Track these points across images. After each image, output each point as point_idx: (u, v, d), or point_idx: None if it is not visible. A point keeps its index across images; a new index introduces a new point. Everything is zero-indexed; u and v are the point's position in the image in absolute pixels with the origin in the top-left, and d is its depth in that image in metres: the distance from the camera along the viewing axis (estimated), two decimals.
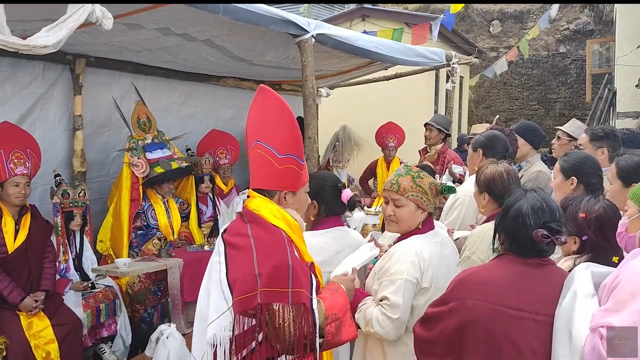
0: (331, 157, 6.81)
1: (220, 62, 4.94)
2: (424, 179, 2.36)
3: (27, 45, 2.17)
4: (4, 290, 3.66)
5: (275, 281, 1.83)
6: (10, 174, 3.71)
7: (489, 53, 14.16)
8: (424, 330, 2.04)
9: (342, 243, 2.59)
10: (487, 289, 1.89)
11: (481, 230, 2.74)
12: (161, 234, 4.75)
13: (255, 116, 2.07)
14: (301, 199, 2.13)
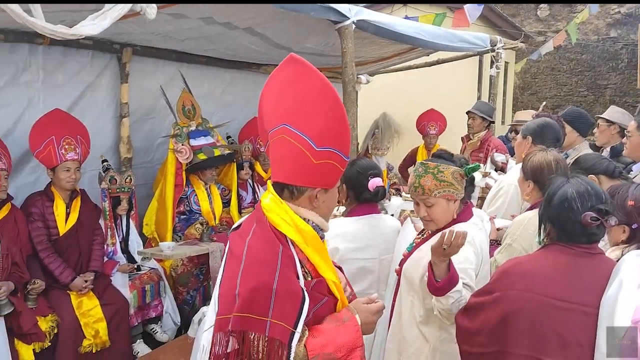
0: (370, 145, 6.79)
1: (260, 50, 4.98)
2: (445, 172, 2.30)
3: (73, 33, 2.26)
4: (56, 270, 3.84)
5: (252, 306, 1.56)
6: (62, 159, 3.87)
7: (536, 37, 13.75)
8: (467, 320, 2.03)
9: (377, 230, 2.60)
10: (532, 279, 1.87)
11: (524, 218, 2.70)
12: (203, 219, 4.86)
13: (281, 92, 1.71)
14: (334, 196, 1.81)
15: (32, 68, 4.21)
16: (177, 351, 3.71)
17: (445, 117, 6.76)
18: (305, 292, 1.61)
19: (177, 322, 4.43)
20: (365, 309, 1.76)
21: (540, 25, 14.64)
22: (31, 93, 4.25)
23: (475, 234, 2.30)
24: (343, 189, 2.68)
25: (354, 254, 2.47)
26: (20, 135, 4.14)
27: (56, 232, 3.94)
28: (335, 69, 6.62)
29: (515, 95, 14.12)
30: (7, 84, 4.09)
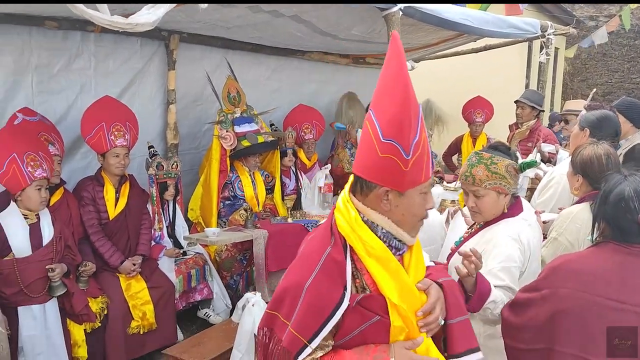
0: None
1: (306, 37, 4.96)
2: (499, 164, 2.24)
3: (129, 23, 2.29)
4: (106, 253, 3.95)
5: (280, 306, 1.52)
6: (111, 145, 3.96)
7: (588, 22, 13.25)
8: (513, 315, 1.99)
9: None
10: (584, 278, 1.82)
11: (570, 212, 2.63)
12: (247, 205, 4.92)
13: (380, 74, 1.54)
14: (412, 203, 1.53)
15: (84, 55, 4.32)
16: (221, 335, 3.77)
17: (492, 105, 6.61)
18: (341, 305, 1.47)
19: (228, 304, 4.52)
20: (405, 355, 1.50)
21: (592, 9, 14.09)
22: (83, 80, 4.36)
23: (523, 230, 2.25)
24: None
25: None
26: (72, 121, 4.27)
27: (106, 216, 4.04)
28: (381, 55, 6.56)
29: (565, 81, 13.68)
30: (60, 70, 4.21)
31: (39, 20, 3.92)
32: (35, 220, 3.42)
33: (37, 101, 4.10)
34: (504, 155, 2.29)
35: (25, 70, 4.01)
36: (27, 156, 3.33)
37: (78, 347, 3.51)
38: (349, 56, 6.65)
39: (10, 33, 3.87)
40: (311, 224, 4.66)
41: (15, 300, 3.28)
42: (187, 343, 3.76)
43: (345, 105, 6.16)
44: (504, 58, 8.32)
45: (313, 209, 5.07)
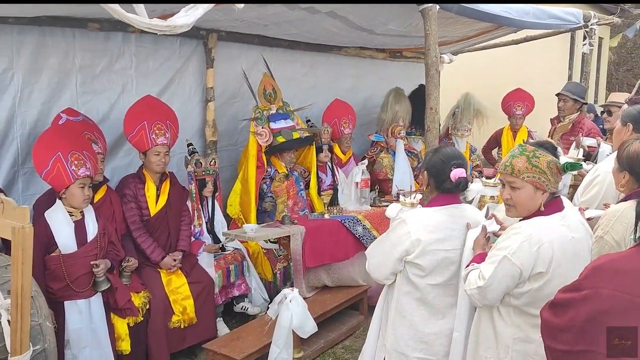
0: (450, 125, 6.62)
1: (342, 33, 4.96)
2: (541, 158, 2.18)
3: (168, 25, 2.33)
4: (147, 249, 4.05)
5: None
6: (153, 143, 4.04)
7: (633, 11, 12.75)
8: (553, 316, 1.95)
9: (458, 221, 2.53)
10: (628, 279, 1.76)
11: (617, 210, 2.54)
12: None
13: None
14: None
15: (125, 56, 4.42)
16: (259, 330, 3.82)
17: (532, 97, 6.45)
18: None
19: (266, 298, 4.57)
20: None
21: None
22: (125, 79, 4.47)
23: (545, 231, 2.16)
24: (424, 176, 2.63)
25: (437, 245, 2.43)
26: (115, 120, 4.38)
27: (147, 212, 4.14)
28: (418, 49, 6.50)
29: (610, 71, 13.24)
30: (102, 71, 4.32)
31: (82, 23, 4.03)
32: (80, 217, 3.53)
33: (81, 101, 4.23)
34: (551, 152, 2.24)
35: (69, 71, 4.13)
36: (72, 155, 3.44)
37: (121, 341, 3.61)
38: (386, 50, 6.60)
39: (56, 35, 4.00)
40: (348, 219, 4.66)
41: (61, 295, 3.40)
42: (226, 337, 3.84)
43: (391, 99, 6.11)
44: (546, 49, 8.11)
45: (350, 205, 5.06)
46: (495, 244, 2.27)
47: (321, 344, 4.10)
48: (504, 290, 2.17)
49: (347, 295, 4.46)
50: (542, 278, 2.13)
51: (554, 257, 2.13)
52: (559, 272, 2.13)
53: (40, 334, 2.63)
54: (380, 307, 2.69)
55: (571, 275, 2.16)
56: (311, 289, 4.49)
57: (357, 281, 4.61)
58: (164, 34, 4.37)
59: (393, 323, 2.54)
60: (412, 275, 2.46)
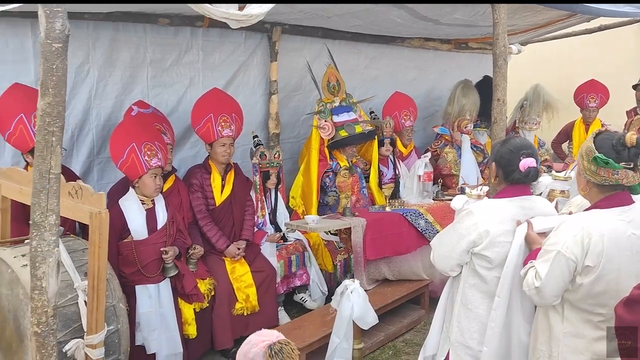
0: (518, 118, 6.41)
1: (406, 24, 4.89)
2: (585, 145, 2.15)
3: (245, 15, 2.38)
4: (213, 237, 4.16)
5: None
6: (219, 135, 4.14)
7: None
8: (627, 313, 1.87)
9: (528, 213, 2.45)
10: None
11: None
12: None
13: None
14: None
15: (193, 50, 4.55)
16: (320, 320, 3.86)
17: (607, 89, 6.16)
18: None
19: (324, 291, 4.60)
20: None
21: None
22: (192, 73, 4.60)
23: (597, 224, 2.08)
24: (492, 167, 2.56)
25: (505, 237, 2.36)
26: (182, 113, 4.53)
27: (213, 202, 4.25)
28: (485, 39, 6.33)
29: None
30: (172, 65, 4.47)
31: (153, 18, 4.18)
32: (151, 206, 3.68)
33: (151, 94, 4.39)
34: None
35: (141, 65, 4.30)
36: (145, 146, 3.57)
37: (188, 325, 3.73)
38: (451, 41, 6.47)
39: (128, 31, 4.17)
40: (410, 213, 4.61)
41: (133, 279, 3.56)
42: (288, 326, 3.89)
43: (459, 92, 5.99)
44: (622, 38, 7.69)
45: (412, 198, 5.01)
46: (546, 238, 2.20)
47: (381, 336, 4.09)
48: (562, 286, 2.12)
49: (408, 289, 4.43)
50: (591, 272, 2.06)
51: (604, 251, 2.05)
52: (611, 268, 2.05)
53: (114, 315, 2.76)
54: (445, 299, 2.66)
55: (631, 272, 2.06)
56: (372, 282, 4.49)
57: (418, 275, 4.56)
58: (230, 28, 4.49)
59: (458, 315, 2.50)
60: (479, 268, 2.41)
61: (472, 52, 6.88)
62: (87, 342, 2.53)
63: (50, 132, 1.96)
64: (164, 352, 3.57)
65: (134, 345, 3.29)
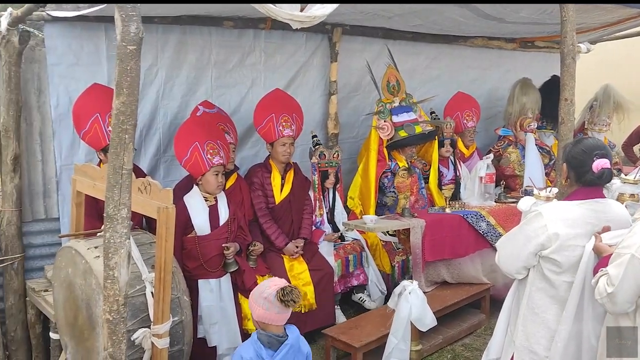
0: (587, 120, 6.16)
1: (469, 22, 4.81)
2: None
3: (308, 16, 2.43)
4: (272, 235, 4.24)
5: None
6: (279, 135, 4.22)
7: None
8: None
9: (601, 216, 2.36)
10: None
11: None
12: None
13: None
14: None
15: (255, 51, 4.66)
16: (377, 320, 3.85)
17: None
18: None
19: (383, 291, 4.59)
20: None
21: None
22: (254, 74, 4.71)
23: None
24: (563, 168, 2.49)
25: (576, 241, 2.28)
26: (244, 113, 4.64)
27: (273, 200, 4.33)
28: (552, 38, 6.13)
29: None
30: (235, 66, 4.59)
31: (219, 21, 4.30)
32: (214, 203, 3.79)
33: (215, 94, 4.53)
34: None
35: (206, 67, 4.44)
36: (207, 144, 3.68)
37: (247, 320, 3.81)
38: (516, 40, 6.30)
39: (194, 33, 4.31)
40: (471, 215, 4.53)
41: (196, 273, 3.67)
42: (345, 325, 3.91)
43: (518, 91, 5.84)
44: None
45: (473, 200, 4.92)
46: (619, 242, 2.12)
47: (440, 339, 4.04)
48: (636, 292, 2.03)
49: (469, 292, 4.35)
50: None
51: None
52: None
53: (178, 307, 2.87)
54: (510, 303, 2.60)
55: None
56: (430, 284, 4.44)
57: (479, 279, 4.47)
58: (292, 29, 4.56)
59: (524, 320, 2.44)
60: (547, 271, 2.35)
61: (539, 51, 6.68)
62: (154, 332, 2.64)
63: (123, 130, 2.06)
64: (224, 345, 3.67)
65: (196, 338, 3.40)
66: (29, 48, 3.88)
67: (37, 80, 4.01)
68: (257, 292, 2.66)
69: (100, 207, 3.41)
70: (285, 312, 2.62)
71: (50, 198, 4.10)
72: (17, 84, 3.81)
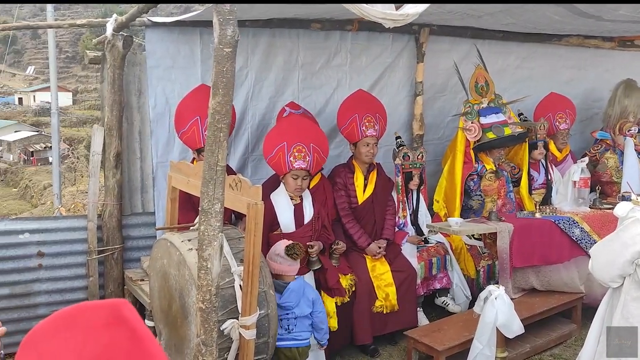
0: None
1: (564, 20, 4.60)
2: None
3: (401, 14, 2.44)
4: (355, 234, 4.26)
5: None
6: (363, 135, 4.24)
7: None
8: None
9: None
10: None
11: None
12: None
13: None
14: None
15: (341, 53, 4.72)
16: (461, 324, 3.78)
17: None
18: None
19: (468, 295, 4.50)
20: None
21: None
22: (339, 75, 4.77)
23: None
24: None
25: None
26: (329, 114, 4.71)
27: (355, 200, 4.35)
28: None
29: None
30: (321, 67, 4.67)
31: (307, 23, 4.40)
32: (299, 201, 3.86)
33: (302, 96, 4.63)
34: None
35: (293, 68, 4.55)
36: (295, 147, 3.71)
37: (330, 318, 3.85)
38: (614, 39, 5.96)
39: (283, 36, 4.43)
40: (563, 220, 4.33)
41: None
42: (427, 328, 3.87)
43: (621, 93, 5.53)
44: None
45: (565, 205, 4.69)
46: None
47: (527, 348, 3.90)
48: None
49: (559, 300, 4.17)
50: None
51: None
52: None
53: (265, 300, 2.95)
54: (603, 312, 2.48)
55: None
56: (518, 290, 4.29)
57: (572, 287, 4.26)
58: (378, 30, 4.57)
59: None
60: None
61: (637, 50, 6.28)
62: (242, 323, 2.74)
63: (218, 129, 2.17)
64: None
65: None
66: (131, 52, 4.15)
67: (138, 82, 4.28)
68: (272, 251, 3.32)
69: (192, 202, 3.61)
70: (295, 264, 3.28)
71: (147, 193, 4.37)
72: (120, 86, 4.09)
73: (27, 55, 64.48)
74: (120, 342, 0.77)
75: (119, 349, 0.77)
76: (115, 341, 0.78)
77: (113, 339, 0.78)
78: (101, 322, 0.79)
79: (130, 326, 0.79)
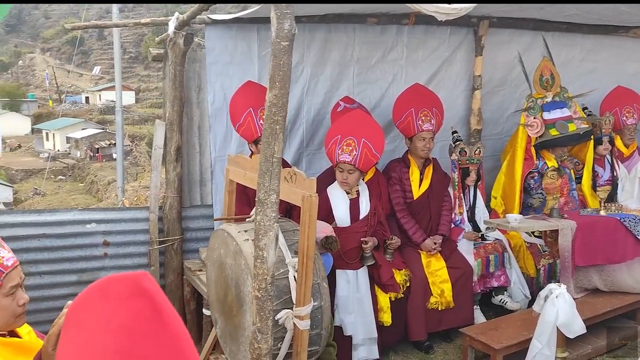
0: None
1: (632, 11, 4.39)
2: None
3: (454, 8, 2.42)
4: (410, 230, 4.23)
5: None
6: (419, 129, 4.20)
7: None
8: None
9: None
10: None
11: None
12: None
13: None
14: None
15: (397, 47, 4.69)
16: (519, 324, 3.69)
17: None
18: None
19: (526, 294, 4.37)
20: None
21: None
22: (395, 69, 4.74)
23: None
24: None
25: None
26: (384, 108, 4.69)
27: (411, 195, 4.32)
28: None
29: None
30: (377, 62, 4.66)
31: (362, 18, 4.40)
32: (355, 196, 3.87)
33: (357, 90, 4.63)
34: None
35: (348, 63, 4.56)
36: (345, 141, 3.73)
37: (383, 313, 3.86)
38: None
39: (339, 31, 4.45)
40: (629, 218, 4.14)
41: (335, 263, 3.78)
42: (484, 326, 3.80)
43: None
44: None
45: (632, 203, 4.49)
46: None
47: (588, 349, 3.76)
48: None
49: (623, 301, 3.99)
50: None
51: None
52: None
53: (318, 292, 2.98)
54: None
55: None
56: (580, 290, 4.14)
57: (635, 288, 4.08)
58: (436, 24, 4.50)
59: None
60: None
61: None
62: (296, 313, 2.78)
63: (275, 121, 2.21)
64: (359, 335, 3.75)
65: (333, 325, 3.51)
66: (191, 49, 4.27)
67: (197, 79, 4.40)
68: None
69: (249, 195, 3.68)
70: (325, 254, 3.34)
71: (205, 186, 4.49)
72: (180, 82, 4.21)
73: (94, 56, 67.49)
74: (142, 312, 0.83)
75: (140, 319, 0.83)
76: (138, 311, 0.84)
77: (137, 310, 0.84)
78: (127, 294, 0.85)
79: (150, 296, 0.85)
